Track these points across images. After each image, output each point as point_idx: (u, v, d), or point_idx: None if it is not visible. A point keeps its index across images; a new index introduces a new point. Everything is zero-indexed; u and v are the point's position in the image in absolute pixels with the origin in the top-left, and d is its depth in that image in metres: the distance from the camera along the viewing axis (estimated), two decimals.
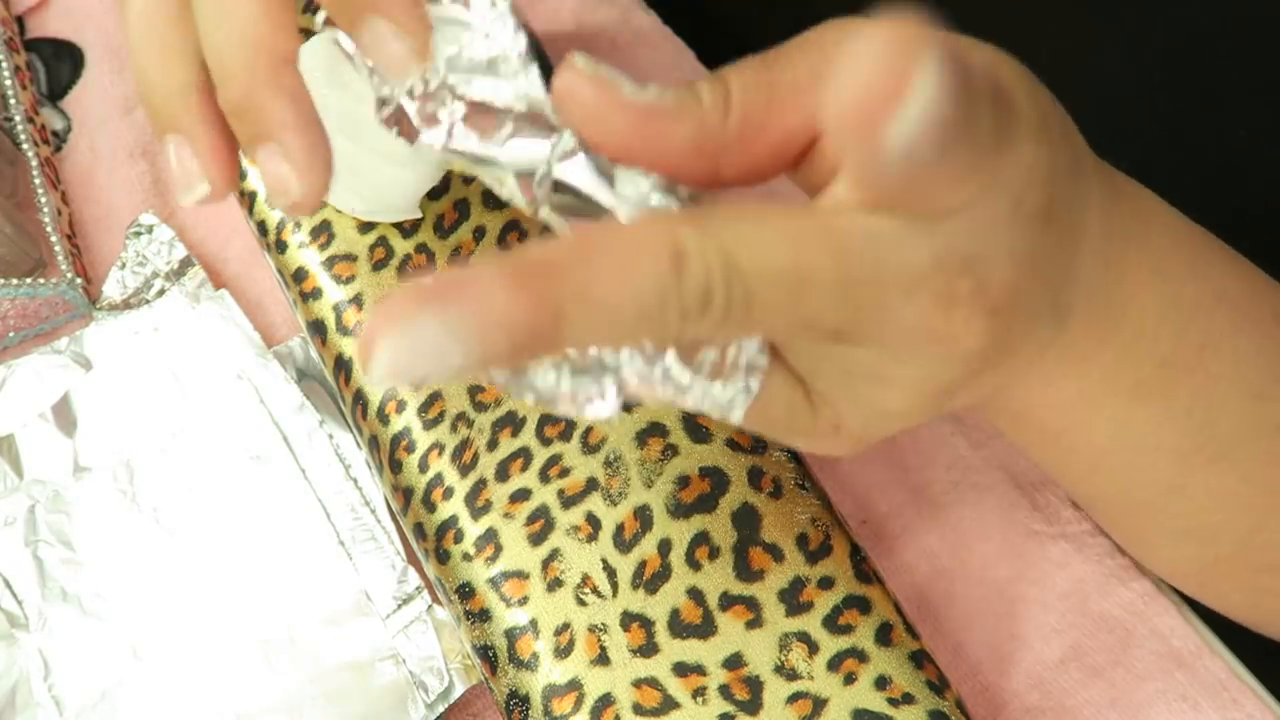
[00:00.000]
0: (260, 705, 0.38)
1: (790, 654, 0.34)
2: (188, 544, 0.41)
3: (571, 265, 0.19)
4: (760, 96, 0.22)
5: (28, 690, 0.38)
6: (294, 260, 0.41)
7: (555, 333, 0.19)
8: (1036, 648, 0.39)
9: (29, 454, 0.43)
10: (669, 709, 0.33)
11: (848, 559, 0.36)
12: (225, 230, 0.49)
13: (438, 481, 0.37)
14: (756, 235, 0.20)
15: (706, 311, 0.20)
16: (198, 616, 0.39)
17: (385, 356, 0.18)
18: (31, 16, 0.55)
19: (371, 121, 0.38)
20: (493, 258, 0.19)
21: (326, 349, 0.41)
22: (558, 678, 0.34)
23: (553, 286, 0.18)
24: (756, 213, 0.20)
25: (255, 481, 0.42)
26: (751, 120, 0.22)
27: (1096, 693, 0.38)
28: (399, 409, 0.38)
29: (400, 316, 0.18)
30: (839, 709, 0.33)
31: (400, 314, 0.18)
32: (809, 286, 0.20)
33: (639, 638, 0.34)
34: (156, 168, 0.51)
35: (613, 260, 0.19)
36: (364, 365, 0.18)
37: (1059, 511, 0.41)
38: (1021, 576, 0.40)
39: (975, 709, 0.38)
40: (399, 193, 0.39)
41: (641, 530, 0.35)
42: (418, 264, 0.40)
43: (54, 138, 0.52)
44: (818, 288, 0.20)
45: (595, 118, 0.22)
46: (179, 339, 0.45)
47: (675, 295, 0.19)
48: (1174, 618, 0.39)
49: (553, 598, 0.35)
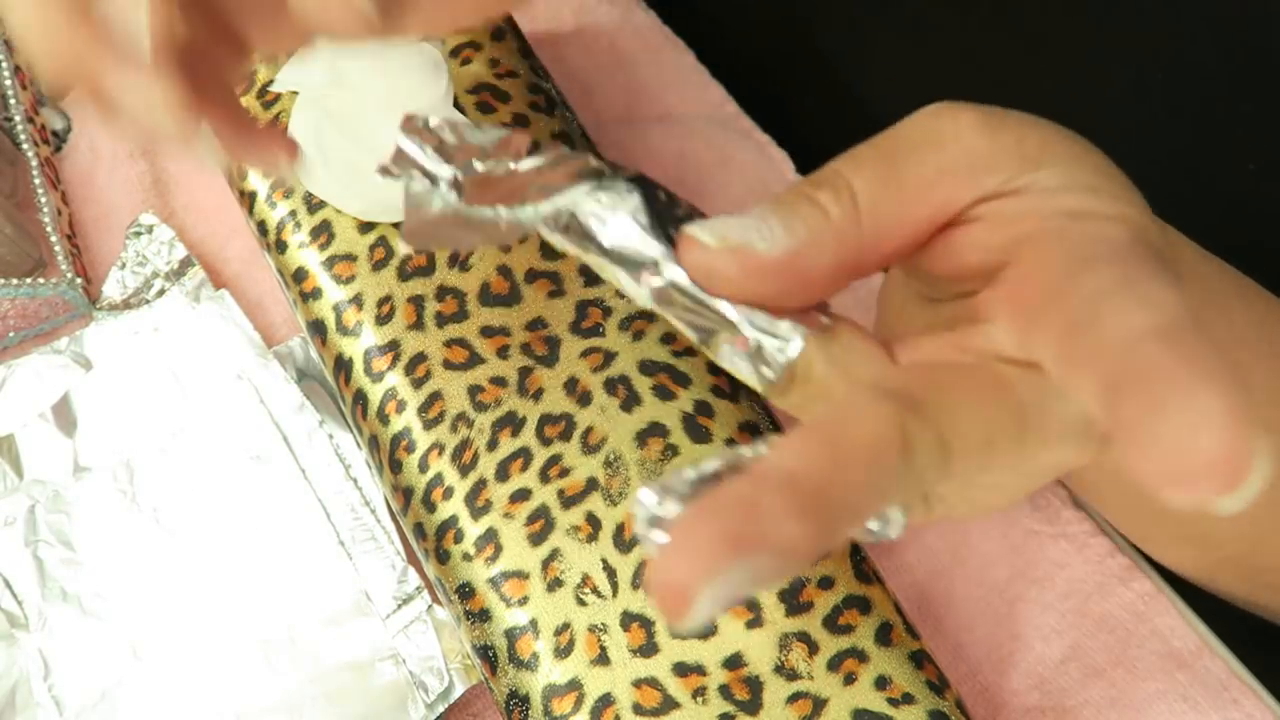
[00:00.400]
0: (260, 705, 0.38)
1: (790, 654, 0.34)
2: (188, 544, 0.41)
3: (834, 480, 0.19)
4: (890, 198, 0.22)
5: (28, 690, 0.38)
6: (294, 260, 0.41)
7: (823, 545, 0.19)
8: (1036, 648, 0.39)
9: (29, 454, 0.43)
10: (669, 709, 0.33)
11: (848, 559, 0.36)
12: (225, 230, 0.49)
13: (438, 481, 0.37)
14: (962, 413, 0.20)
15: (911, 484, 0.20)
16: (198, 616, 0.39)
17: (704, 610, 0.18)
18: None
19: (372, 121, 0.38)
20: (762, 469, 0.18)
21: (326, 349, 0.41)
22: (558, 678, 0.34)
23: (829, 509, 0.18)
24: (953, 384, 0.21)
25: (255, 481, 0.42)
26: (884, 225, 0.22)
27: (1096, 693, 0.38)
28: (399, 409, 0.38)
29: (711, 570, 0.17)
30: (839, 709, 0.33)
31: (710, 567, 0.17)
32: (994, 451, 0.21)
33: (639, 638, 0.34)
34: (156, 168, 0.51)
35: (861, 465, 0.19)
36: (674, 614, 0.18)
37: (1059, 512, 0.41)
38: (1021, 576, 0.40)
39: (975, 709, 0.38)
40: (399, 193, 0.39)
41: None
42: (418, 264, 0.40)
43: (54, 138, 0.52)
44: (1001, 451, 0.21)
45: (744, 288, 0.22)
46: (179, 339, 0.45)
47: (899, 482, 0.20)
48: (1174, 618, 0.39)
49: (553, 598, 0.35)
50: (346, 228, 0.41)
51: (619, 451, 0.36)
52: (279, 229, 0.42)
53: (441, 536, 0.37)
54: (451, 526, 0.37)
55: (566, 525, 0.36)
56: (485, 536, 0.36)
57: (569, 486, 0.36)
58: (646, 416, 0.37)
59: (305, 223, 0.41)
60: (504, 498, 0.36)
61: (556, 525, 0.36)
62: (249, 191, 0.43)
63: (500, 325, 0.39)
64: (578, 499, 0.36)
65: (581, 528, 0.36)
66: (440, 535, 0.37)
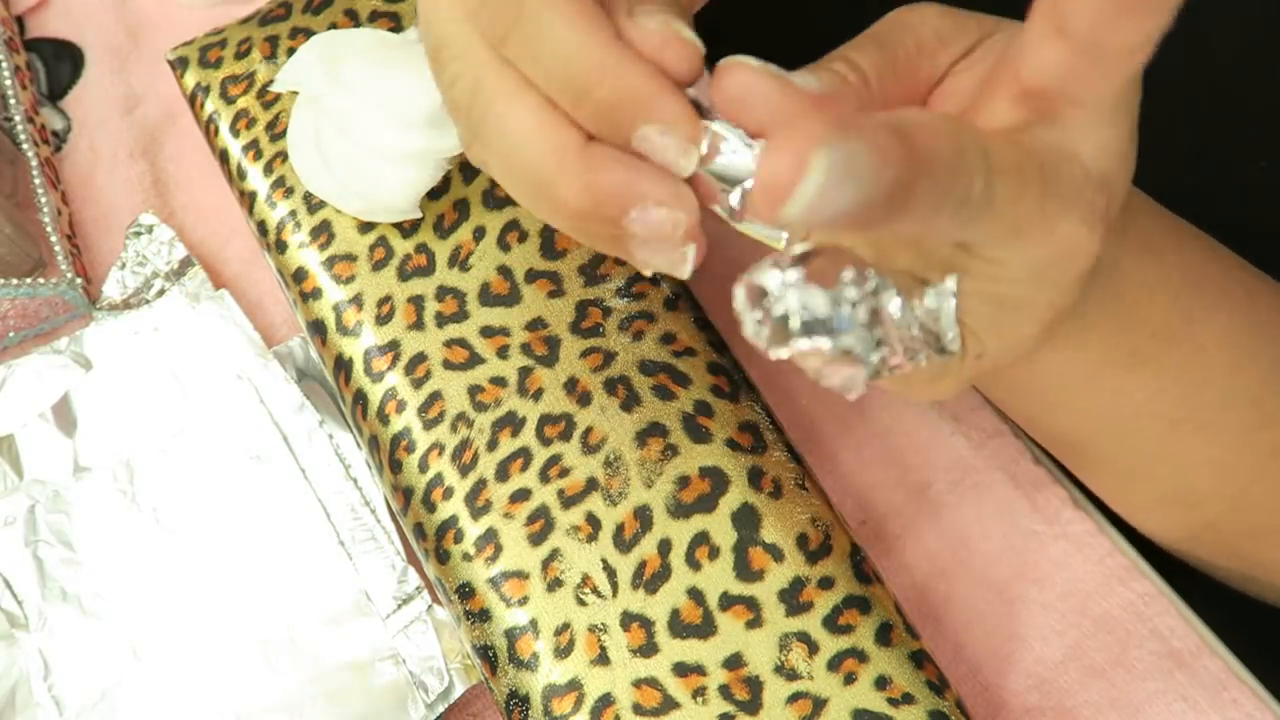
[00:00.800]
0: (260, 705, 0.38)
1: (790, 654, 0.34)
2: (188, 544, 0.41)
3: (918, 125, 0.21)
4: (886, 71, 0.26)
5: (28, 690, 0.38)
6: (294, 260, 0.41)
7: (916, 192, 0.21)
8: (1036, 648, 0.39)
9: (29, 454, 0.43)
10: (669, 709, 0.33)
11: (848, 559, 0.36)
12: (225, 230, 0.49)
13: (438, 481, 0.37)
14: (995, 142, 0.23)
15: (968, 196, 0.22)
16: (198, 616, 0.39)
17: (816, 183, 0.19)
18: (31, 16, 0.55)
19: (371, 121, 0.38)
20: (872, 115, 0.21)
21: (326, 349, 0.41)
22: (558, 678, 0.34)
23: (916, 147, 0.20)
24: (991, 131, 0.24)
25: (255, 481, 0.42)
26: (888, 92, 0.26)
27: (1096, 693, 0.38)
28: (399, 409, 0.38)
29: (821, 139, 0.19)
30: (839, 709, 0.33)
31: (823, 136, 0.19)
32: (1029, 186, 0.23)
33: (639, 638, 0.34)
34: (156, 167, 0.51)
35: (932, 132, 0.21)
36: (786, 195, 0.19)
37: (1059, 512, 0.41)
38: (1021, 576, 0.40)
39: (975, 709, 0.38)
40: (399, 193, 0.39)
41: (641, 530, 0.35)
42: (418, 264, 0.40)
43: (54, 138, 0.52)
44: (1029, 194, 0.23)
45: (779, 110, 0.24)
46: (179, 339, 0.45)
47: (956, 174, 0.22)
48: (1174, 618, 0.39)
49: (553, 598, 0.35)
50: (346, 228, 0.41)
51: (619, 451, 0.36)
52: (279, 229, 0.42)
53: (441, 536, 0.37)
54: (451, 526, 0.37)
55: (566, 525, 0.36)
56: (485, 536, 0.36)
57: (569, 486, 0.36)
58: (646, 416, 0.37)
59: (305, 223, 0.41)
60: (504, 498, 0.36)
61: (556, 525, 0.36)
62: (249, 191, 0.43)
63: (500, 325, 0.39)
64: (578, 499, 0.36)
65: (581, 528, 0.36)
66: (440, 535, 0.37)
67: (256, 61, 0.44)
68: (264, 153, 0.43)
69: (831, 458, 0.43)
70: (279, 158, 0.42)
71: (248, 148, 0.43)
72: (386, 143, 0.38)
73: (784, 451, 0.37)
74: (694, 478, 0.36)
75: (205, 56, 0.45)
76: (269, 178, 0.42)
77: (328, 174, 0.39)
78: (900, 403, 0.44)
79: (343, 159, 0.39)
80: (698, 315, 0.40)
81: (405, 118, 0.37)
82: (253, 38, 0.45)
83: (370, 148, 0.38)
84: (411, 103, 0.37)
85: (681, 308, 0.39)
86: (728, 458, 0.36)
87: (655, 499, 0.36)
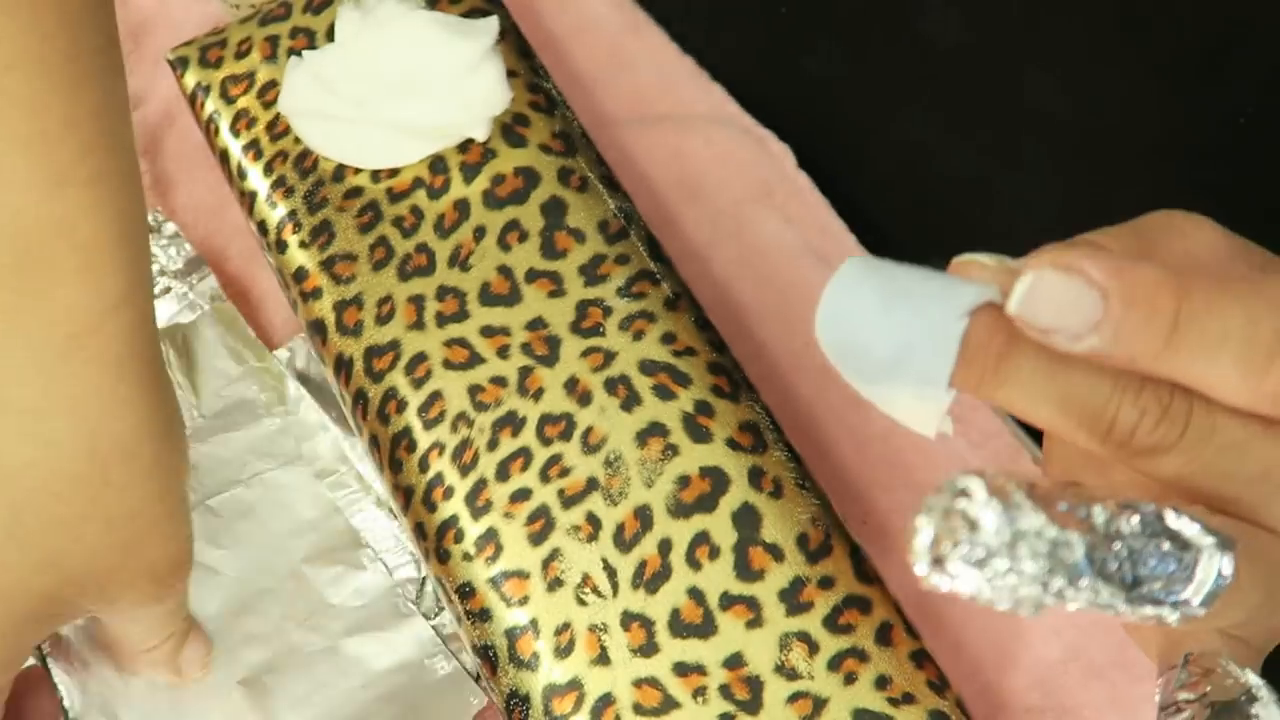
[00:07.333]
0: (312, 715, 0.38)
1: (790, 654, 0.34)
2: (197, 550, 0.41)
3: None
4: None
5: None
6: (294, 260, 0.41)
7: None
8: (1036, 647, 0.39)
9: None
10: (669, 709, 0.33)
11: (848, 559, 0.36)
12: (226, 230, 0.49)
13: (438, 481, 0.37)
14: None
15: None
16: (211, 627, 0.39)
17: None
18: None
19: (362, 74, 0.40)
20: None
21: (326, 349, 0.41)
22: (558, 677, 0.34)
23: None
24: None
25: (257, 482, 0.42)
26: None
27: (1096, 693, 0.38)
28: (399, 409, 0.38)
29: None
30: (839, 709, 0.33)
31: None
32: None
33: (639, 637, 0.34)
34: (156, 167, 0.51)
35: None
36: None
37: None
38: None
39: (975, 709, 0.38)
40: (386, 137, 0.41)
41: (642, 530, 0.35)
42: (418, 264, 0.40)
43: None
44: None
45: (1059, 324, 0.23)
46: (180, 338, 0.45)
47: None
48: None
49: (553, 597, 0.35)
50: (346, 228, 0.41)
51: (619, 451, 0.36)
52: (279, 229, 0.42)
53: (442, 536, 0.37)
54: (452, 526, 0.37)
55: (567, 525, 0.36)
56: (485, 536, 0.36)
57: (569, 486, 0.36)
58: (646, 416, 0.37)
59: (305, 223, 0.41)
60: (504, 497, 0.36)
61: (557, 525, 0.36)
62: (249, 191, 0.43)
63: (500, 325, 0.39)
64: (578, 499, 0.36)
65: (582, 527, 0.36)
66: (440, 535, 0.37)
67: (257, 61, 0.44)
68: (264, 153, 0.43)
69: (832, 457, 0.43)
70: (279, 158, 0.42)
71: (248, 148, 0.43)
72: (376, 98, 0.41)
73: (784, 451, 0.37)
74: (694, 477, 0.36)
75: (205, 56, 0.45)
76: (269, 178, 0.42)
77: (324, 124, 0.41)
78: None
79: (337, 104, 0.41)
80: (698, 315, 0.40)
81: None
82: (253, 38, 0.45)
83: (360, 97, 0.40)
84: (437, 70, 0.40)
85: (682, 308, 0.39)
86: (728, 457, 0.36)
87: (656, 499, 0.36)
